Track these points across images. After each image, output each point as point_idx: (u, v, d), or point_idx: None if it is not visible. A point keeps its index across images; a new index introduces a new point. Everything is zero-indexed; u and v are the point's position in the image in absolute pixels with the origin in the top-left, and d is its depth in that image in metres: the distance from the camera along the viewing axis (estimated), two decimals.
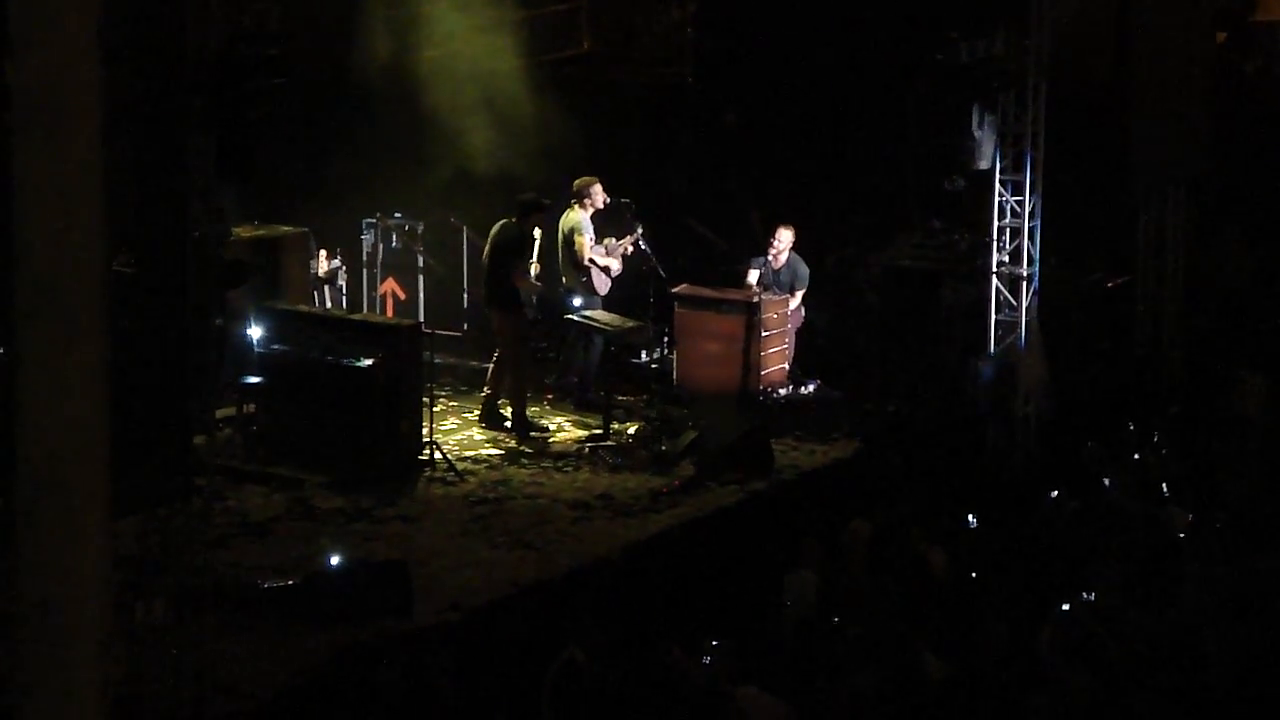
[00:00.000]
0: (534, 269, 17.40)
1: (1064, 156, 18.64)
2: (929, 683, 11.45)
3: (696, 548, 14.74)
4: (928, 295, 18.86)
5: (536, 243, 17.38)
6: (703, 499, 15.53)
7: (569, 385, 18.51)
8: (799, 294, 18.67)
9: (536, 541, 14.29)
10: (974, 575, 14.01)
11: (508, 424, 17.31)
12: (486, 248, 17.56)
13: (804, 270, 18.66)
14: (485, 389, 17.60)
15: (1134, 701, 11.29)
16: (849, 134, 19.92)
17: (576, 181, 18.15)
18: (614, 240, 18.28)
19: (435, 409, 16.57)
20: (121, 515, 10.61)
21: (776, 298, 18.37)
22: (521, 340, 17.39)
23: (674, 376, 18.53)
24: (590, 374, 18.25)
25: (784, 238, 18.58)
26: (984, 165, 17.93)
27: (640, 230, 18.18)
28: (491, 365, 17.60)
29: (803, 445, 17.21)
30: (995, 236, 18.24)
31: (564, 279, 18.11)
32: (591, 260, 18.04)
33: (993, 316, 18.34)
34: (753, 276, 18.61)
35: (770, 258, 18.61)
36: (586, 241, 17.96)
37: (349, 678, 11.69)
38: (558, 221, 18.12)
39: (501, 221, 17.43)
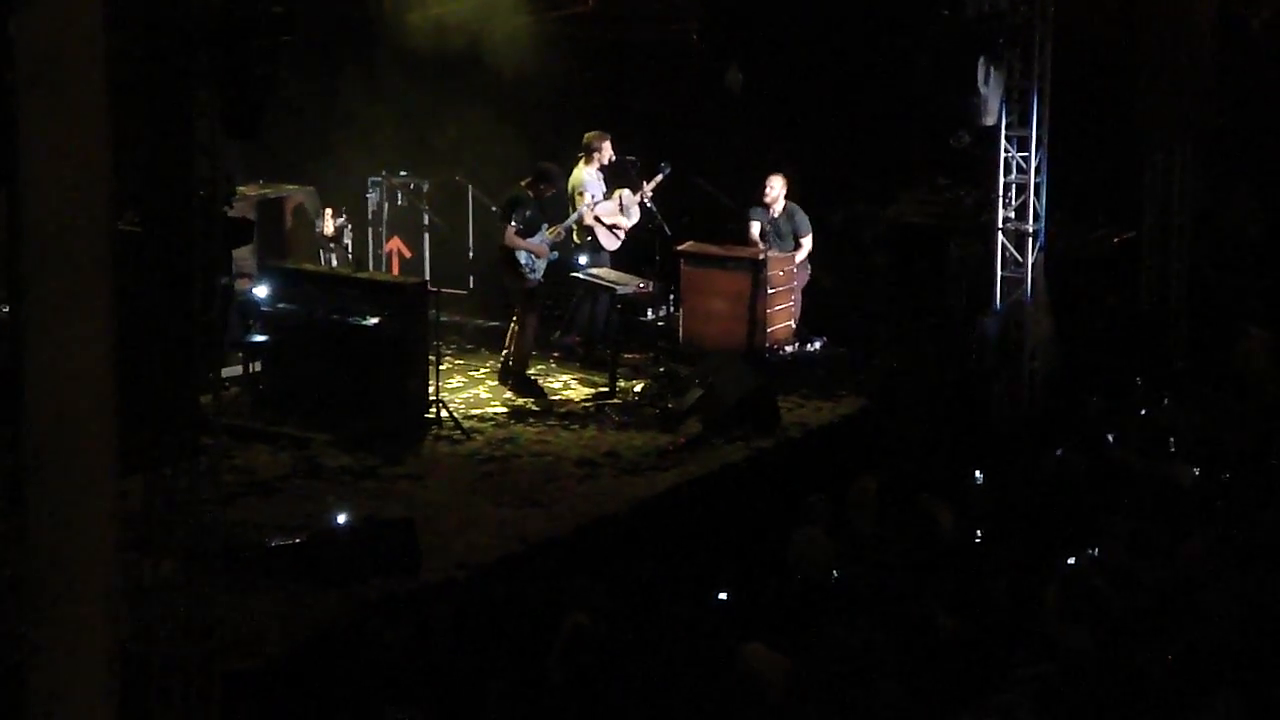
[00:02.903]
0: (550, 233, 17.34)
1: (1070, 112, 18.60)
2: (940, 638, 11.47)
3: (703, 505, 14.77)
4: (933, 252, 18.85)
5: (528, 206, 17.26)
6: (709, 456, 15.56)
7: (571, 344, 18.50)
8: (805, 240, 18.63)
9: (543, 499, 14.32)
10: (980, 531, 14.03)
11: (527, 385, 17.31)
12: None
13: (803, 217, 18.64)
14: (504, 350, 17.56)
15: (1137, 655, 11.31)
16: (854, 90, 19.89)
17: (586, 136, 18.14)
18: (628, 192, 18.23)
19: (441, 367, 16.58)
20: (128, 474, 10.62)
21: (782, 255, 18.36)
22: (528, 302, 17.34)
23: (680, 334, 18.54)
24: (596, 332, 18.25)
25: (775, 185, 18.56)
26: (990, 121, 17.88)
27: (668, 169, 18.14)
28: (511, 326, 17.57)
29: (809, 402, 17.23)
30: (1001, 193, 18.20)
31: (573, 237, 18.08)
32: (597, 218, 18.02)
33: (999, 273, 18.31)
34: (754, 229, 18.61)
35: (766, 208, 18.60)
36: (587, 199, 17.94)
37: (356, 636, 11.71)
38: (567, 178, 18.11)
39: None
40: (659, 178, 18.20)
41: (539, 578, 13.01)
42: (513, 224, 17.13)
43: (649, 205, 18.18)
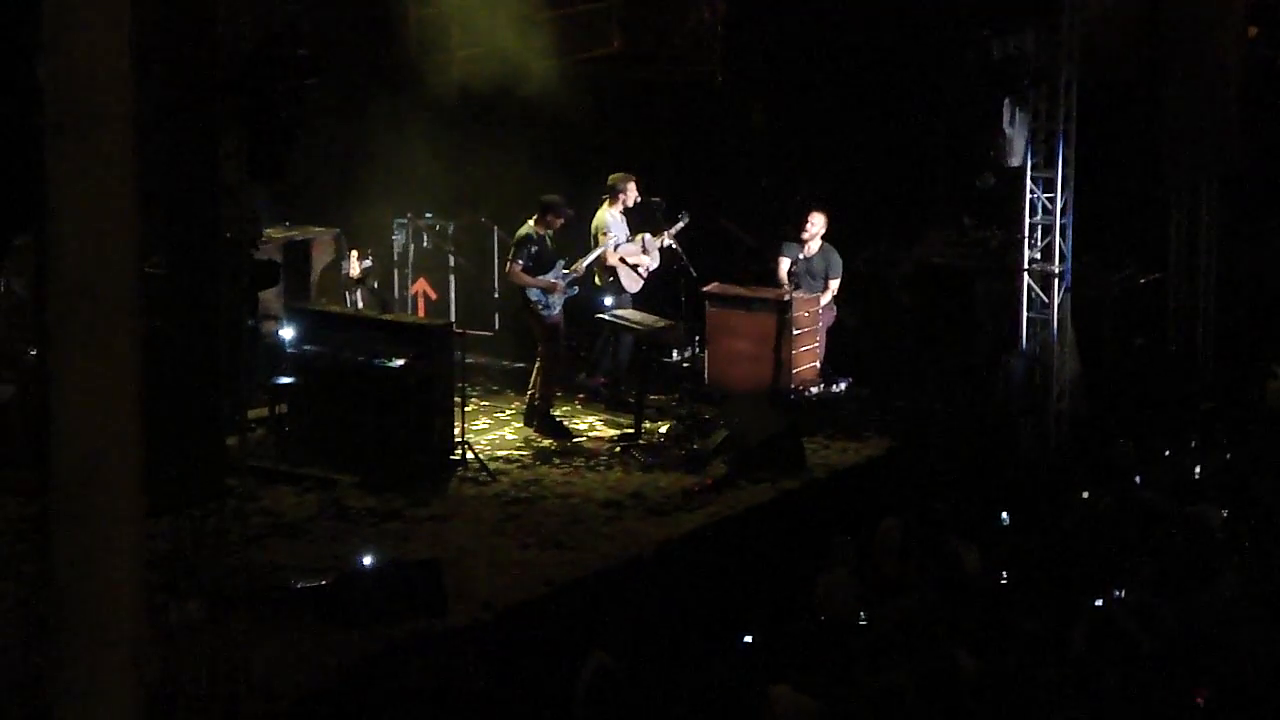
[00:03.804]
0: (569, 269, 17.35)
1: (1095, 153, 18.60)
2: (962, 680, 11.44)
3: (729, 546, 14.75)
4: (959, 293, 18.83)
5: (535, 244, 17.28)
6: (735, 498, 15.53)
7: (596, 386, 18.49)
8: (834, 283, 18.56)
9: (568, 541, 14.30)
10: (1006, 573, 14.00)
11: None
12: None
13: (837, 259, 18.57)
14: (529, 390, 17.57)
15: (1166, 698, 11.27)
16: (879, 131, 19.89)
17: (611, 177, 18.15)
18: (650, 236, 18.24)
19: (467, 409, 16.58)
20: (155, 516, 10.66)
21: (808, 295, 18.34)
22: (548, 339, 17.36)
23: (705, 375, 18.51)
24: (620, 373, 18.25)
25: (817, 222, 18.47)
26: (1015, 162, 17.89)
27: (687, 218, 18.14)
28: (535, 366, 17.59)
29: (834, 443, 17.19)
30: (1026, 233, 18.20)
31: (595, 278, 18.09)
32: (622, 259, 18.03)
33: (1024, 314, 18.29)
34: (784, 265, 18.57)
35: (802, 245, 18.56)
36: (610, 241, 17.94)
37: (382, 677, 11.71)
38: (589, 219, 18.13)
39: None
40: (679, 225, 18.19)
41: (564, 619, 13.00)
42: (519, 261, 17.17)
43: (675, 247, 18.17)
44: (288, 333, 16.42)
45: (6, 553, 13.16)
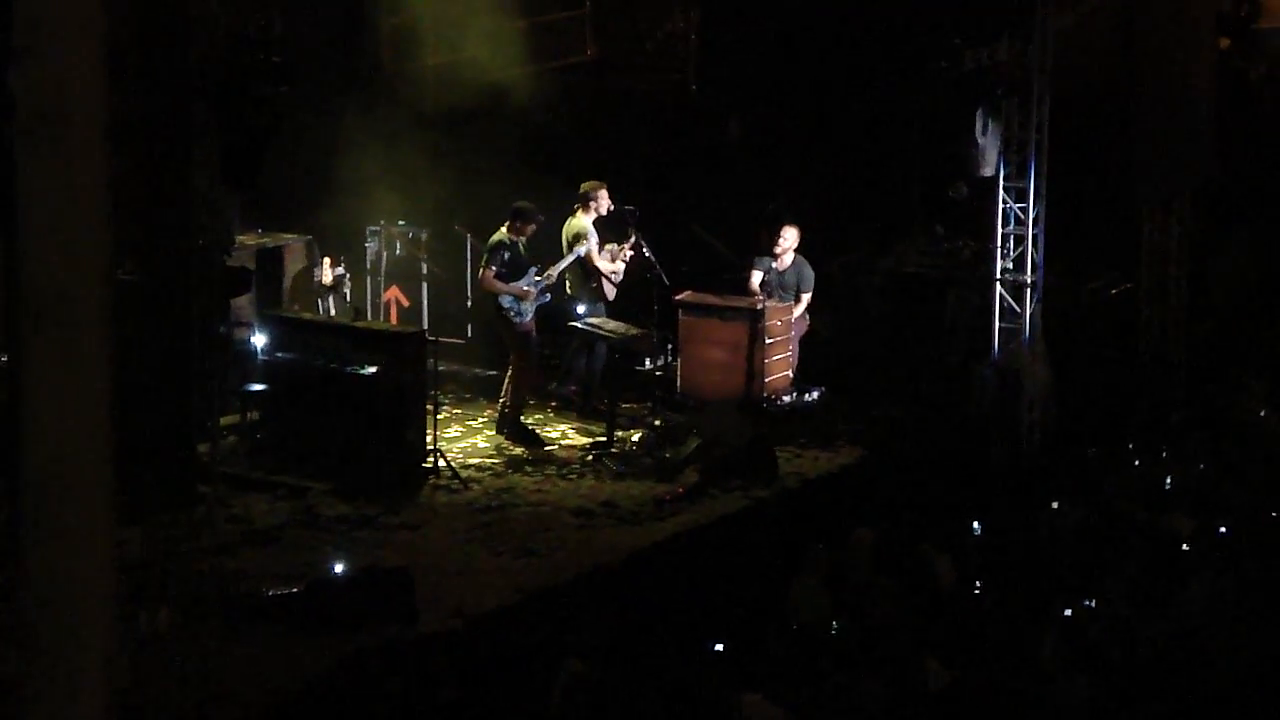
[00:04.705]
0: (541, 276, 17.34)
1: (1068, 163, 18.65)
2: (932, 690, 11.45)
3: (700, 555, 14.73)
4: (931, 302, 18.86)
5: (508, 250, 17.28)
6: (706, 506, 15.52)
7: (568, 394, 18.49)
8: (805, 297, 18.61)
9: (540, 549, 14.28)
10: (978, 583, 14.01)
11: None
12: None
13: (809, 272, 18.61)
14: (500, 397, 17.58)
15: (1136, 708, 11.28)
16: (853, 141, 19.92)
17: (583, 185, 18.14)
18: (616, 246, 18.26)
19: (439, 416, 16.57)
20: (126, 523, 10.63)
21: (780, 305, 18.35)
22: (520, 346, 17.36)
23: (678, 384, 18.51)
24: (594, 381, 18.24)
25: (789, 236, 18.51)
26: (988, 172, 17.92)
27: (634, 238, 18.11)
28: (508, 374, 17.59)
29: (806, 452, 17.19)
30: (999, 243, 18.24)
31: (568, 286, 18.08)
32: (596, 268, 18.00)
33: (996, 324, 18.33)
34: (756, 278, 18.59)
35: (775, 258, 18.58)
36: (592, 244, 17.93)
37: (353, 686, 11.68)
38: (561, 227, 18.11)
39: None
40: (626, 246, 18.11)
41: (536, 627, 12.98)
42: (491, 268, 17.18)
43: (648, 255, 18.16)
44: (260, 339, 16.39)
45: None
